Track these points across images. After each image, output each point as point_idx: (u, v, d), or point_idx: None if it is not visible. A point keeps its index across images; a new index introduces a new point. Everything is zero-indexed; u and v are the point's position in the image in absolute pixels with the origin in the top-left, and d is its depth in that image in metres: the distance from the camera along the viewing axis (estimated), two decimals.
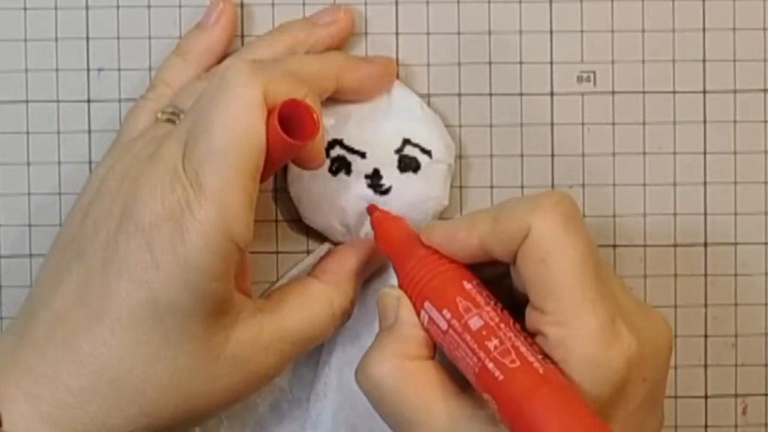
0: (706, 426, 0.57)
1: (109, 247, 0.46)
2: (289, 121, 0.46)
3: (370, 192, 0.54)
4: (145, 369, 0.45)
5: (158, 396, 0.46)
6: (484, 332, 0.45)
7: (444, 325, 0.46)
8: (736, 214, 0.57)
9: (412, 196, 0.54)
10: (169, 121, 0.51)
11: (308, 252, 0.56)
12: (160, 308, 0.45)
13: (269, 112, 0.46)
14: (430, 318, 0.47)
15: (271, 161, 0.47)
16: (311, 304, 0.50)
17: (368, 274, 0.54)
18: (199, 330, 0.46)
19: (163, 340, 0.45)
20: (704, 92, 0.57)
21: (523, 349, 0.44)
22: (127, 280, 0.45)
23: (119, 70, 0.56)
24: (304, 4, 0.56)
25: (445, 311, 0.46)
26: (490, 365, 0.44)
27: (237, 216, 0.45)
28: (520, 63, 0.57)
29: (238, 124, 0.45)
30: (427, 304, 0.47)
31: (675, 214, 0.57)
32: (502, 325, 0.45)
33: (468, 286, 0.47)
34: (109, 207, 0.47)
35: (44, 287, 0.48)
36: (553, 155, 0.57)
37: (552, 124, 0.57)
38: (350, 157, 0.54)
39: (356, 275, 0.52)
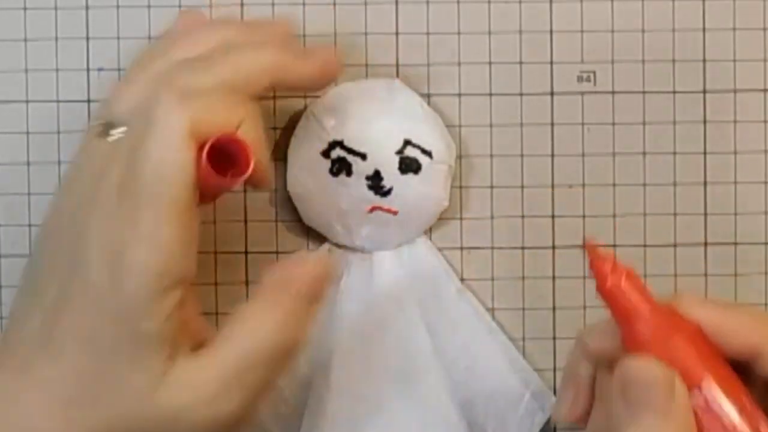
0: None
1: (60, 285, 0.46)
2: (225, 153, 0.46)
3: (370, 193, 0.54)
4: (95, 399, 0.45)
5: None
6: (744, 417, 0.44)
7: (701, 404, 0.44)
8: (736, 214, 0.57)
9: (412, 197, 0.54)
10: (102, 134, 0.49)
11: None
12: (102, 349, 0.45)
13: (201, 147, 0.45)
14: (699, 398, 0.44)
15: (207, 193, 0.47)
16: (254, 328, 0.48)
17: (318, 291, 0.49)
18: (141, 371, 0.45)
19: (107, 378, 0.45)
20: (704, 92, 0.57)
21: None
22: (71, 317, 0.45)
23: (119, 70, 0.56)
24: (304, 4, 0.56)
25: (704, 390, 0.44)
26: None
27: (172, 253, 0.45)
28: (520, 63, 0.57)
29: (165, 162, 0.45)
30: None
31: (675, 214, 0.57)
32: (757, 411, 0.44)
33: (723, 365, 0.45)
34: (57, 247, 0.47)
35: (12, 317, 0.49)
36: (553, 155, 0.57)
37: (552, 124, 0.57)
38: (351, 158, 0.54)
39: (303, 291, 0.49)
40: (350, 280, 0.56)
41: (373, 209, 0.54)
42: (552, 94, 0.57)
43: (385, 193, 0.54)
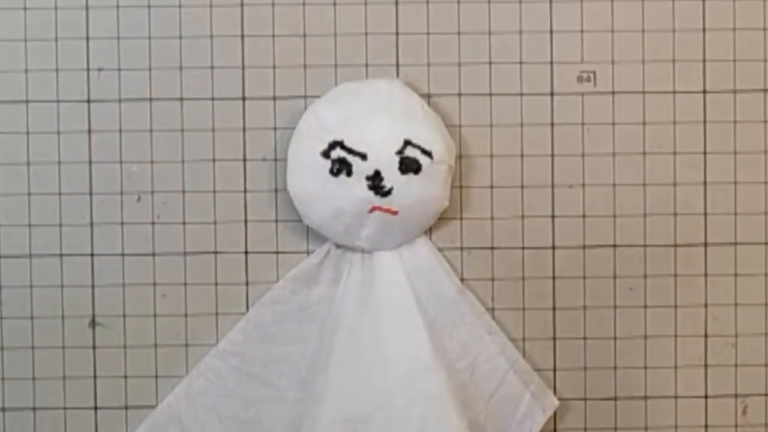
0: (706, 426, 0.57)
1: None
2: None
3: (371, 194, 0.54)
4: None
5: None
6: None
7: None
8: (736, 214, 0.57)
9: (413, 197, 0.54)
10: None
11: (308, 252, 0.56)
12: None
13: None
14: None
15: None
16: None
17: None
18: None
19: None
20: (704, 92, 0.57)
21: None
22: None
23: (119, 70, 0.56)
24: (304, 4, 0.56)
25: None
26: None
27: None
28: (520, 63, 0.57)
29: None
30: None
31: (675, 214, 0.57)
32: None
33: None
34: None
35: None
36: (553, 155, 0.57)
37: (552, 124, 0.57)
38: (351, 158, 0.54)
39: None
40: (350, 280, 0.56)
41: (373, 209, 0.54)
42: (552, 94, 0.57)
43: (386, 193, 0.54)
